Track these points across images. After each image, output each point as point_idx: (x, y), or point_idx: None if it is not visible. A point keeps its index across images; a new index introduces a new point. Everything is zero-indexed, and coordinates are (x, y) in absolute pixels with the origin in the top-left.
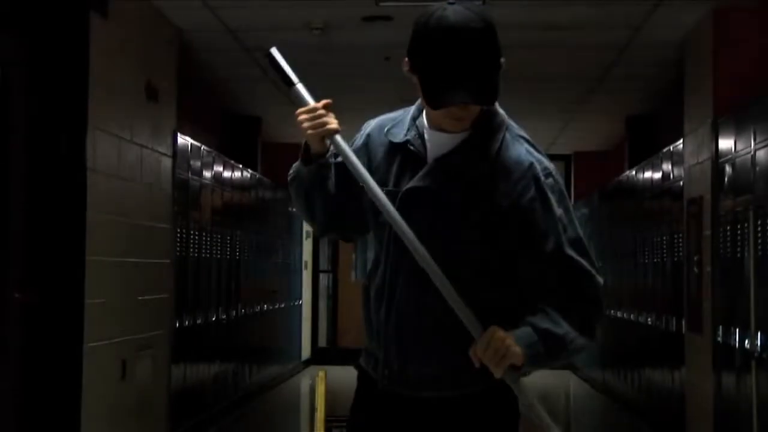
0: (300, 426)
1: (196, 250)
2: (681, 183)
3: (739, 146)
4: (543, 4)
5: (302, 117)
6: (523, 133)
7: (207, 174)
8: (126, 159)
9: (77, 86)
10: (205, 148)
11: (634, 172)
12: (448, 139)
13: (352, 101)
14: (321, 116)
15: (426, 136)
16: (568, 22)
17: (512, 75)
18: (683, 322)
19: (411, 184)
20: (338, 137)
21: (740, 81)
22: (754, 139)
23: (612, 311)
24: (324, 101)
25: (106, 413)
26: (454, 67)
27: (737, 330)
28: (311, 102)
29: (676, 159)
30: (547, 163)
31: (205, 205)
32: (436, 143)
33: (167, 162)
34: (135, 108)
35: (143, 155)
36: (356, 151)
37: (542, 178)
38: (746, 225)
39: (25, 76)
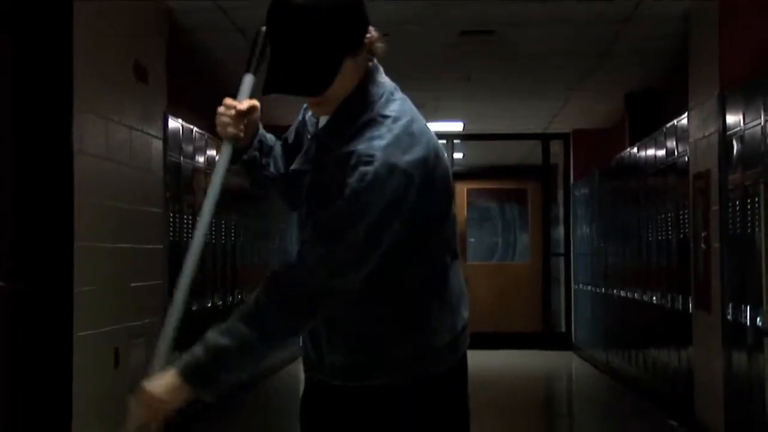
0: None
1: (190, 235)
2: (686, 158)
3: (748, 118)
4: None
5: (221, 109)
6: (390, 111)
7: (200, 157)
8: (115, 141)
9: (62, 66)
10: (197, 130)
11: (636, 149)
12: (322, 122)
13: None
14: (231, 117)
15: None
16: None
17: (511, 52)
18: (690, 300)
19: (293, 165)
20: (228, 147)
21: (748, 52)
22: (765, 111)
23: (616, 290)
24: (250, 104)
25: (99, 403)
26: (275, 50)
27: (747, 307)
28: (244, 98)
29: (681, 134)
30: (378, 152)
31: (198, 188)
32: (321, 125)
33: (158, 144)
34: (123, 89)
35: (133, 137)
36: (298, 126)
37: (354, 163)
38: (756, 199)
39: (8, 57)
